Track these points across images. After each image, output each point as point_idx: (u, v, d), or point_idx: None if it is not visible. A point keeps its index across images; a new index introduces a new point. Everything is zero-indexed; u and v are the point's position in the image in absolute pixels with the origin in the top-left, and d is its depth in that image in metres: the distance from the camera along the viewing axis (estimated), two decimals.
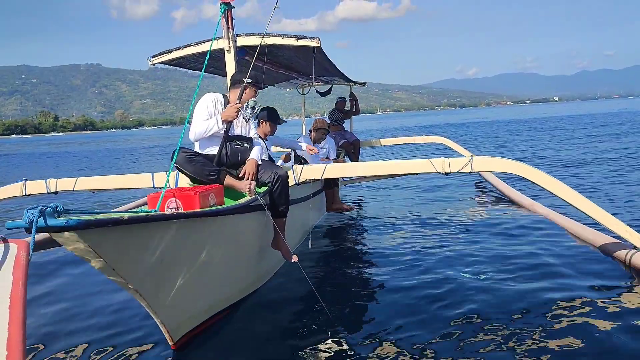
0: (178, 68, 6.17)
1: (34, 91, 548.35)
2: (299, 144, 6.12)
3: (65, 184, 5.68)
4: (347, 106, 10.75)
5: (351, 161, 9.97)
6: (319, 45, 5.06)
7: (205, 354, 3.17)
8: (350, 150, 10.16)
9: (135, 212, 2.82)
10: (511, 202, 7.51)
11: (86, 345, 3.36)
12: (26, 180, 5.77)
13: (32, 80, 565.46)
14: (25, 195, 5.75)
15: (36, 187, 5.72)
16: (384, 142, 12.57)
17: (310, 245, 4.83)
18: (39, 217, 2.00)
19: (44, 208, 2.03)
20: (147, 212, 2.91)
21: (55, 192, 5.72)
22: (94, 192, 6.53)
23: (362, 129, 41.92)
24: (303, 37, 5.05)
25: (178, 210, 3.13)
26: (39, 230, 2.01)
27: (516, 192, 7.67)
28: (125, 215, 2.37)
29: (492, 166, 4.84)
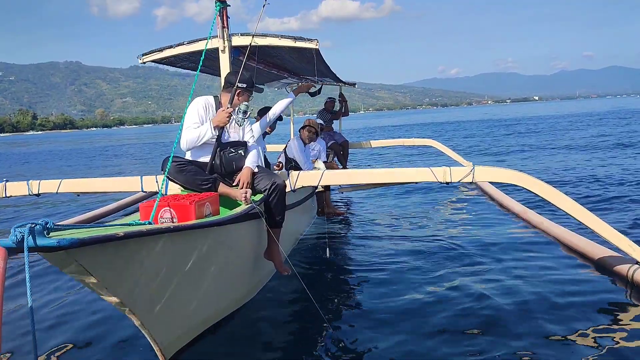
0: (160, 66, 5.95)
1: (11, 89, 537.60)
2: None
3: (48, 185, 5.40)
4: (337, 107, 10.65)
5: (340, 163, 9.84)
6: (317, 47, 4.91)
7: None
8: (339, 151, 10.02)
9: (129, 224, 2.64)
10: (503, 207, 7.30)
11: None
12: (6, 181, 5.51)
13: (9, 78, 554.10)
14: (6, 196, 5.48)
15: (17, 188, 5.45)
16: (374, 143, 12.49)
17: (328, 254, 4.67)
18: (29, 236, 1.81)
19: (33, 225, 1.83)
20: (141, 224, 2.73)
21: (38, 194, 5.45)
22: (78, 195, 6.26)
23: (349, 129, 41.83)
24: (301, 39, 4.88)
25: (173, 220, 2.96)
26: (29, 250, 1.82)
27: (509, 198, 7.39)
28: (121, 231, 2.18)
29: (493, 176, 4.61)
